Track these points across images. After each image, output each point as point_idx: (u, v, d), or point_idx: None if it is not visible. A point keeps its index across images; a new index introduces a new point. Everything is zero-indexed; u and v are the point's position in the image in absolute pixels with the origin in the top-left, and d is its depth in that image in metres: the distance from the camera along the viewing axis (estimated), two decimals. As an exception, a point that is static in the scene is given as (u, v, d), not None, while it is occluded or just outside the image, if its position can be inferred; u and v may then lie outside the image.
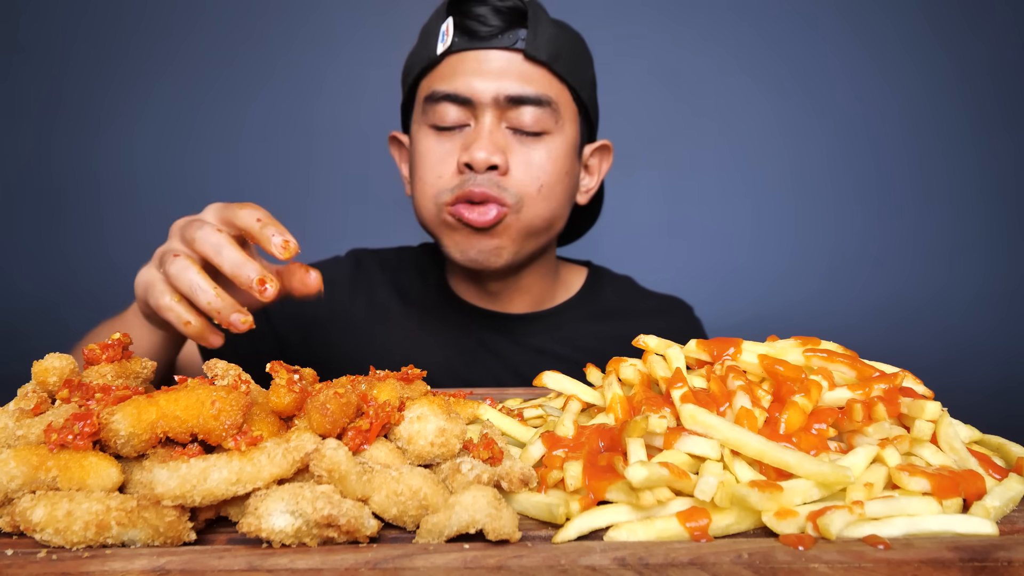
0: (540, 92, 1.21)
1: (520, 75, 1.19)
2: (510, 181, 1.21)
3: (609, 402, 0.74)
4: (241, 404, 0.64)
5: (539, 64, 1.21)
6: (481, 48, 1.20)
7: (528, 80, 1.20)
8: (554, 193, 1.25)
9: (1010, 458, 0.72)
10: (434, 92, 1.22)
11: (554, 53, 1.22)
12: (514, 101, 1.19)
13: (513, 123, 1.21)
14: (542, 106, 1.21)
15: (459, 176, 1.21)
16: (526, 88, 1.20)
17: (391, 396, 0.71)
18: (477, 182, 1.19)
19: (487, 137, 1.19)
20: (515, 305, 1.41)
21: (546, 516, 0.62)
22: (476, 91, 1.19)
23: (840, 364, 0.75)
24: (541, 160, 1.22)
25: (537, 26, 1.20)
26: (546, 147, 1.23)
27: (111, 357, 0.77)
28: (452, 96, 1.20)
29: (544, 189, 1.23)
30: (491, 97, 1.19)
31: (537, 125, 1.21)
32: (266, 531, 0.54)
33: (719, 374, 0.74)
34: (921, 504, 0.61)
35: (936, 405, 0.69)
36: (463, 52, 1.21)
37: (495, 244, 1.24)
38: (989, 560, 0.54)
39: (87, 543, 0.54)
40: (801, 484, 0.60)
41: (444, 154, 1.23)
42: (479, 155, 1.17)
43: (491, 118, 1.20)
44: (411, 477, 0.60)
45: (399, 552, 0.54)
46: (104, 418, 0.59)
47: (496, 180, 1.20)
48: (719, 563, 0.53)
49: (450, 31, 1.22)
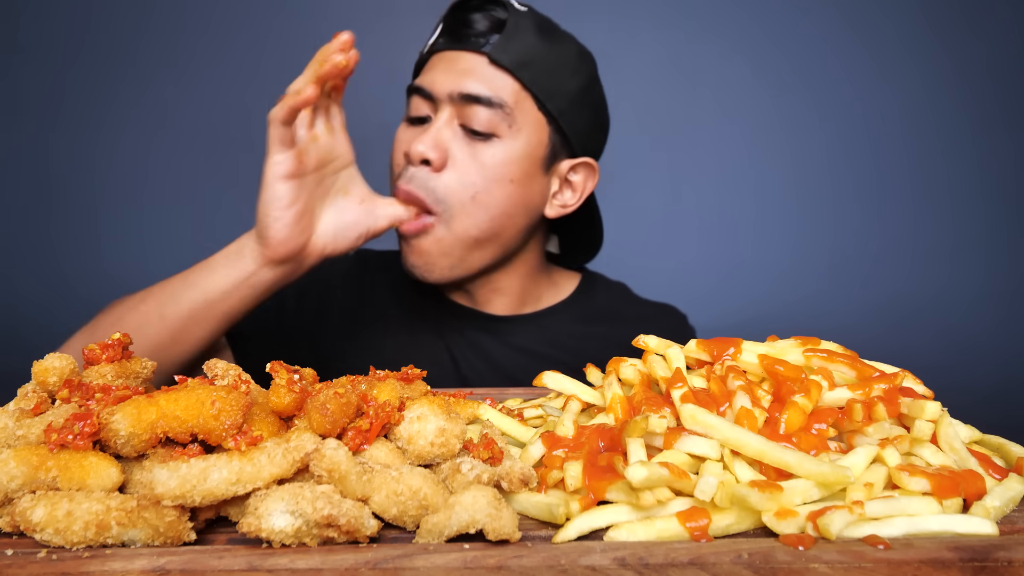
0: (493, 94, 1.21)
1: (481, 77, 1.21)
2: (441, 182, 1.20)
3: (609, 402, 0.74)
4: (241, 404, 0.64)
5: (502, 69, 1.21)
6: (456, 49, 1.24)
7: (487, 82, 1.21)
8: (493, 200, 1.23)
9: (1010, 458, 0.72)
10: (410, 85, 1.28)
11: (523, 61, 1.22)
12: (468, 99, 1.20)
13: (465, 121, 1.22)
14: (494, 108, 1.21)
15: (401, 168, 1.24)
16: (480, 88, 1.20)
17: (391, 396, 0.71)
18: (407, 176, 1.21)
19: (432, 132, 1.21)
20: (494, 306, 1.41)
21: (546, 516, 0.62)
22: (436, 86, 1.22)
23: (840, 364, 0.75)
24: (484, 162, 1.22)
25: (515, 34, 1.22)
26: (492, 150, 1.22)
27: (111, 357, 0.77)
28: (418, 89, 1.24)
29: (479, 196, 1.22)
30: (447, 93, 1.21)
31: (487, 126, 1.21)
32: (266, 531, 0.54)
33: (719, 374, 0.74)
34: (921, 504, 0.61)
35: (936, 405, 0.69)
36: (442, 52, 1.26)
37: (424, 260, 1.25)
38: (989, 560, 0.54)
39: (87, 543, 0.54)
40: (801, 484, 0.60)
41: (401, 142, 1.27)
42: (416, 148, 1.19)
43: (446, 114, 1.22)
44: (411, 477, 0.60)
45: (399, 552, 0.54)
46: (104, 418, 0.59)
47: (427, 177, 1.20)
48: (719, 563, 0.53)
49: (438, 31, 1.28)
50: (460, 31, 1.24)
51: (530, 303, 1.45)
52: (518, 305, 1.43)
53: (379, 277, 1.48)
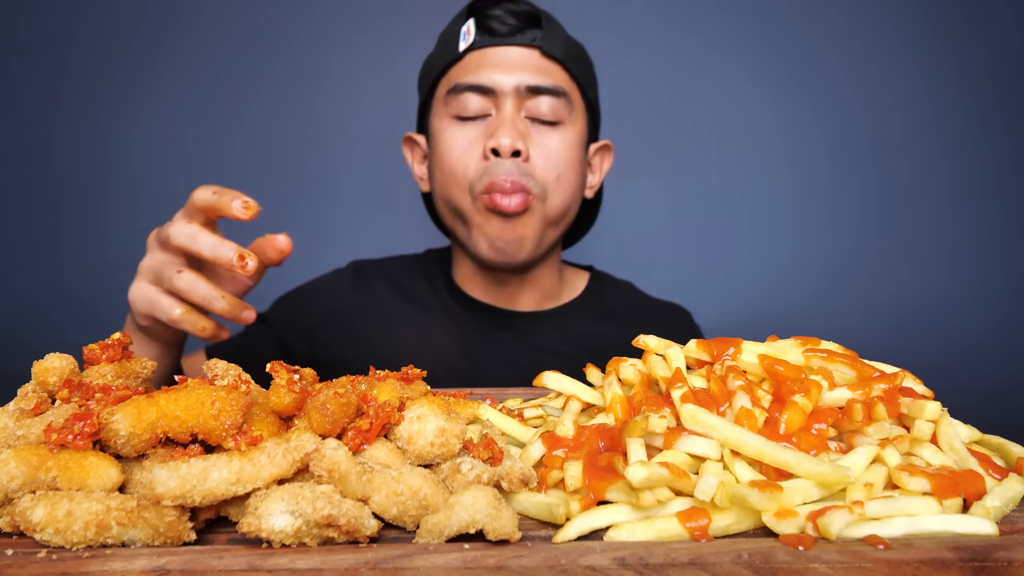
0: (555, 84, 1.28)
1: (538, 68, 1.27)
2: (532, 168, 1.27)
3: (609, 402, 0.74)
4: (241, 404, 0.64)
5: (554, 60, 1.29)
6: (501, 44, 1.28)
7: (545, 73, 1.28)
8: (569, 182, 1.32)
9: (1010, 458, 0.72)
10: (458, 84, 1.29)
11: (567, 52, 1.31)
12: (533, 91, 1.26)
13: (531, 112, 1.28)
14: (558, 96, 1.28)
15: (484, 163, 1.26)
16: (544, 79, 1.27)
17: (391, 396, 0.71)
18: (505, 169, 1.24)
19: (510, 124, 1.25)
20: (523, 301, 1.45)
21: (546, 516, 0.62)
22: (498, 81, 1.26)
23: (840, 364, 0.75)
24: (558, 148, 1.29)
25: (551, 27, 1.30)
26: (561, 136, 1.30)
27: (111, 357, 0.77)
28: (475, 86, 1.27)
29: (561, 178, 1.30)
30: (512, 87, 1.26)
31: (553, 114, 1.28)
32: (266, 531, 0.54)
33: (719, 374, 0.74)
34: (921, 504, 0.61)
35: (936, 405, 0.69)
36: (484, 48, 1.29)
37: (519, 234, 1.28)
38: (989, 560, 0.54)
39: (87, 543, 0.54)
40: (801, 484, 0.60)
41: (469, 143, 1.28)
42: (504, 141, 1.23)
43: (511, 107, 1.27)
44: (411, 477, 0.60)
45: (399, 552, 0.54)
46: (104, 418, 0.59)
47: (521, 167, 1.25)
48: (719, 563, 0.53)
49: (471, 30, 1.29)
50: (496, 27, 1.29)
51: (552, 299, 1.49)
52: (543, 300, 1.47)
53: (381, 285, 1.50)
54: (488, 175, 1.25)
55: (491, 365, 1.39)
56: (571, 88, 1.31)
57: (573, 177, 1.32)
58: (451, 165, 1.29)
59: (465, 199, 1.29)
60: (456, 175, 1.29)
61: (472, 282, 1.45)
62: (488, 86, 1.26)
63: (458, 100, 1.28)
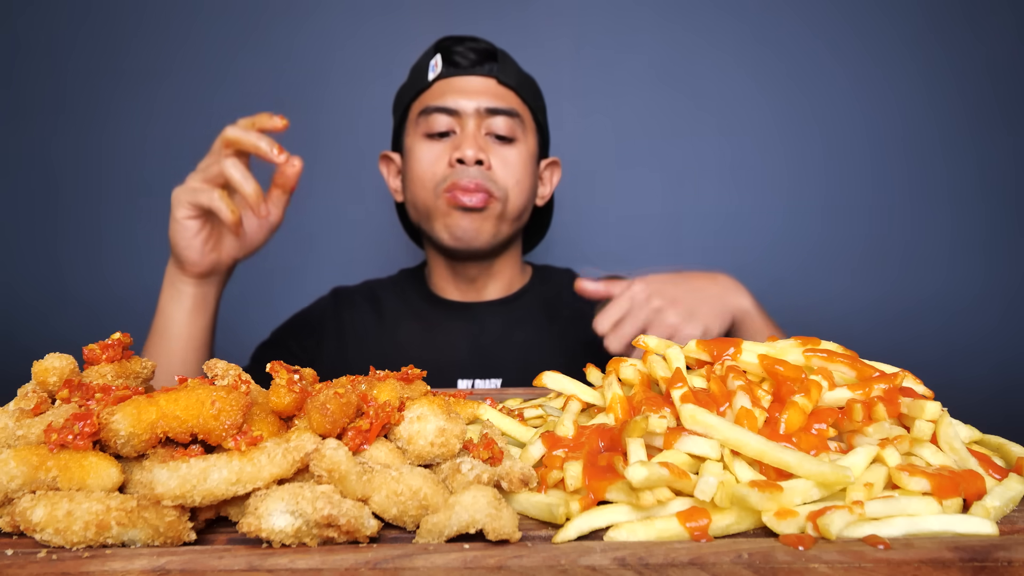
0: (510, 106, 1.52)
1: (495, 94, 1.52)
2: (494, 175, 1.49)
3: (609, 402, 0.74)
4: (241, 404, 0.64)
5: (508, 88, 1.54)
6: (464, 74, 1.52)
7: (501, 98, 1.52)
8: (525, 188, 1.55)
9: (1010, 458, 0.72)
10: (427, 107, 1.52)
11: (519, 81, 1.56)
12: (491, 111, 1.50)
13: (490, 129, 1.51)
14: (512, 117, 1.52)
15: (450, 169, 1.48)
16: (500, 103, 1.51)
17: (391, 396, 0.71)
18: (469, 174, 1.46)
19: (472, 138, 1.48)
20: (489, 291, 1.66)
21: (546, 516, 0.62)
22: (461, 104, 1.50)
23: (840, 364, 0.75)
24: (515, 160, 1.53)
25: (506, 61, 1.56)
26: (516, 150, 1.53)
27: (111, 357, 0.77)
28: (442, 108, 1.50)
29: (519, 183, 1.53)
30: (473, 108, 1.50)
31: (509, 131, 1.52)
32: (266, 531, 0.54)
33: (719, 374, 0.74)
34: (921, 504, 0.60)
35: (936, 405, 0.69)
36: (450, 78, 1.53)
37: (477, 225, 1.49)
38: (989, 560, 0.54)
39: (87, 543, 0.54)
40: (801, 484, 0.60)
41: (436, 156, 1.51)
42: (468, 152, 1.46)
43: (473, 125, 1.50)
44: (411, 477, 0.60)
45: (399, 552, 0.54)
46: (104, 418, 0.59)
47: (484, 173, 1.48)
48: (719, 563, 0.53)
49: (439, 63, 1.54)
50: (459, 61, 1.53)
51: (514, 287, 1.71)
52: (506, 289, 1.69)
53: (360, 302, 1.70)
54: (453, 177, 1.47)
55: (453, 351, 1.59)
56: (523, 111, 1.55)
57: (528, 184, 1.56)
58: (421, 172, 1.52)
59: (430, 198, 1.51)
60: (424, 180, 1.52)
61: (446, 281, 1.66)
62: (453, 108, 1.49)
63: (427, 120, 1.51)
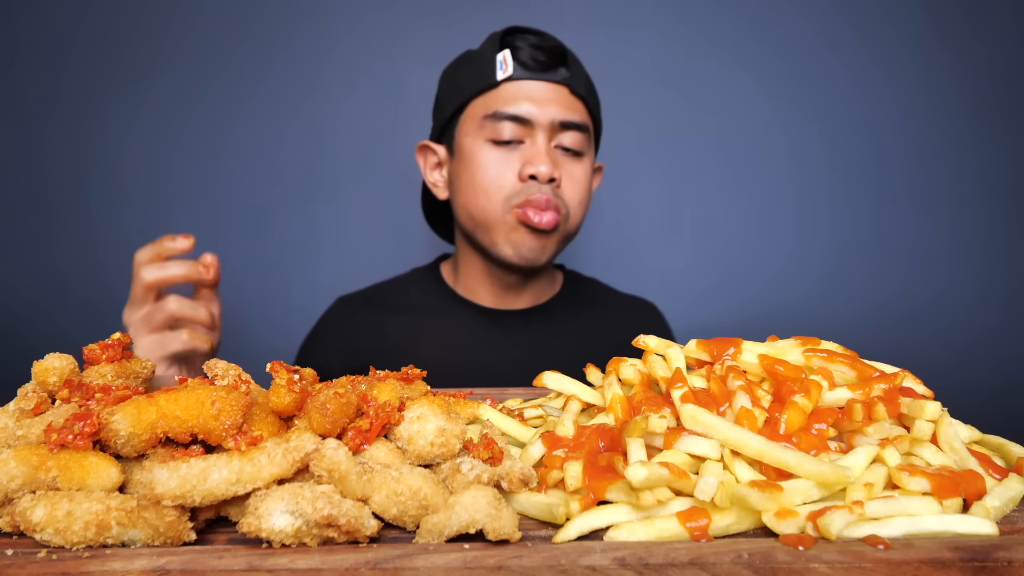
0: (581, 119, 1.45)
1: (567, 105, 1.44)
2: (562, 193, 1.45)
3: (609, 402, 0.74)
4: (241, 404, 0.64)
5: (579, 98, 1.46)
6: (535, 79, 1.43)
7: (573, 110, 1.44)
8: (586, 204, 1.52)
9: (1010, 458, 0.72)
10: (497, 112, 1.42)
11: (588, 90, 1.49)
12: (563, 125, 1.43)
13: (560, 143, 1.44)
14: (581, 131, 1.45)
15: (521, 184, 1.42)
16: (572, 115, 1.44)
17: (391, 396, 0.71)
18: (540, 191, 1.41)
19: (546, 154, 1.42)
20: (522, 300, 1.60)
21: (546, 516, 0.62)
22: (534, 114, 1.41)
23: (840, 364, 0.75)
24: (581, 176, 1.48)
25: (576, 67, 1.47)
26: (582, 166, 1.48)
27: (111, 357, 0.77)
28: (514, 116, 1.41)
29: (582, 201, 1.49)
30: (547, 120, 1.42)
31: (578, 146, 1.46)
32: (266, 531, 0.54)
33: (719, 374, 0.74)
34: (921, 504, 0.61)
35: (936, 405, 0.69)
36: (520, 81, 1.43)
37: (542, 244, 1.45)
38: (989, 560, 0.54)
39: (87, 543, 0.54)
40: (801, 484, 0.60)
41: (505, 165, 1.43)
42: (542, 168, 1.39)
43: (544, 138, 1.43)
44: (411, 477, 0.60)
45: (399, 552, 0.54)
46: (104, 418, 0.59)
47: (554, 191, 1.43)
48: (719, 563, 0.53)
49: (508, 61, 1.44)
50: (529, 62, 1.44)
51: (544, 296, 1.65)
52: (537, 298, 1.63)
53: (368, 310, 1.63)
54: (525, 193, 1.41)
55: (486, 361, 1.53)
56: (589, 122, 1.49)
57: (587, 201, 1.52)
58: (486, 182, 1.44)
59: (496, 210, 1.44)
60: (490, 191, 1.43)
61: (479, 284, 1.58)
62: (526, 117, 1.41)
63: (495, 126, 1.42)
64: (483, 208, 1.45)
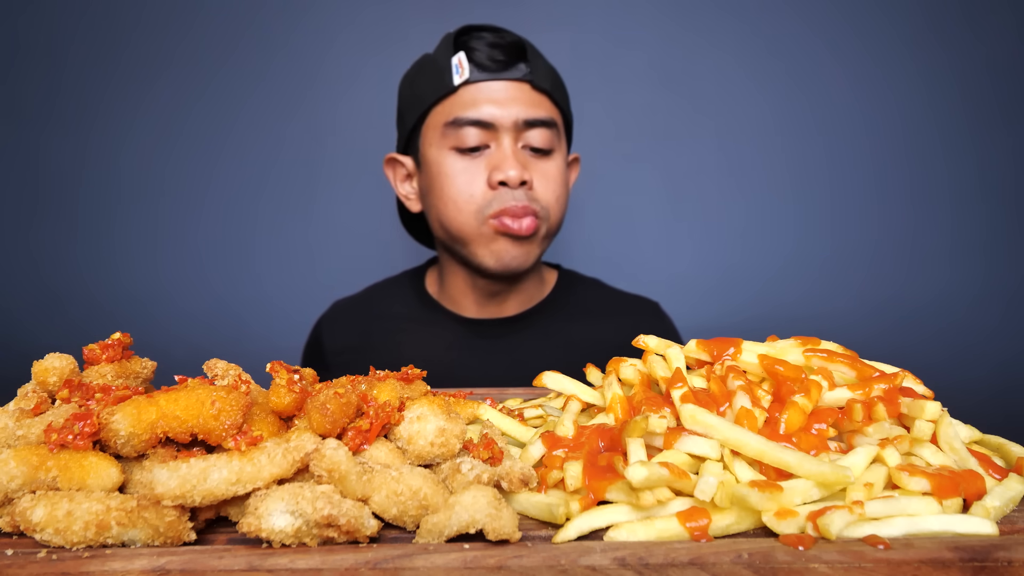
0: (547, 115, 1.38)
1: (530, 102, 1.36)
2: (536, 194, 1.38)
3: (609, 402, 0.74)
4: (241, 404, 0.64)
5: (542, 92, 1.38)
6: (493, 79, 1.35)
7: (537, 106, 1.37)
8: (564, 202, 1.45)
9: (1010, 458, 0.72)
10: (458, 118, 1.36)
11: (552, 83, 1.41)
12: (528, 124, 1.36)
13: (527, 142, 1.37)
14: (549, 127, 1.38)
15: (491, 192, 1.35)
16: (537, 112, 1.37)
17: (391, 396, 0.71)
18: (514, 197, 1.34)
19: (513, 157, 1.35)
20: (509, 307, 1.53)
21: (546, 516, 0.62)
22: (496, 116, 1.34)
23: (840, 364, 0.75)
24: (554, 173, 1.40)
25: (536, 59, 1.39)
26: (554, 162, 1.41)
27: (111, 357, 0.77)
28: (475, 121, 1.35)
29: (559, 199, 1.42)
30: (511, 121, 1.35)
31: (546, 143, 1.38)
32: (266, 531, 0.54)
33: (719, 374, 0.74)
34: (921, 504, 0.61)
35: (936, 405, 0.69)
36: (478, 83, 1.36)
37: (526, 250, 1.39)
38: (989, 560, 0.54)
39: (87, 543, 0.54)
40: (801, 484, 0.60)
41: (472, 174, 1.37)
42: (511, 173, 1.33)
43: (509, 140, 1.36)
44: (411, 477, 0.60)
45: (399, 552, 0.54)
46: (104, 418, 0.59)
47: (527, 194, 1.36)
48: (719, 563, 0.53)
49: (464, 64, 1.36)
50: (485, 62, 1.36)
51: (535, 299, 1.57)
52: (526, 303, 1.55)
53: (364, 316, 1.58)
54: (498, 202, 1.34)
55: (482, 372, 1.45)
56: (557, 116, 1.42)
57: (565, 195, 1.45)
58: (455, 194, 1.37)
59: (470, 223, 1.37)
60: (460, 203, 1.37)
61: (464, 295, 1.52)
62: (488, 121, 1.34)
63: (457, 133, 1.36)
64: (457, 221, 1.38)
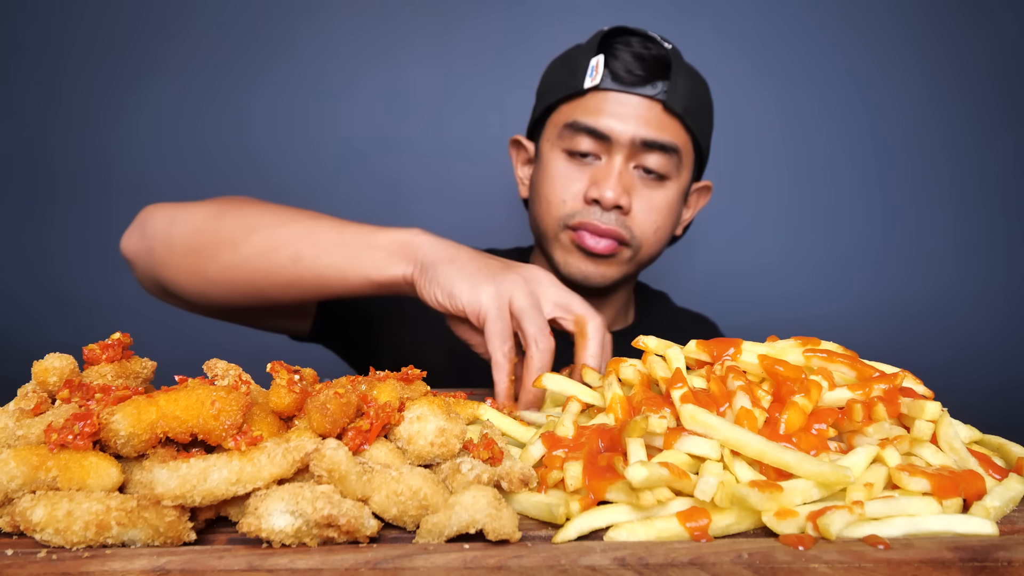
0: (670, 140, 1.29)
1: (657, 123, 1.28)
2: (631, 221, 1.31)
3: (609, 402, 0.74)
4: (241, 404, 0.63)
5: (674, 115, 1.30)
6: (625, 91, 1.28)
7: (662, 128, 1.29)
8: (665, 234, 1.38)
9: (1010, 458, 0.72)
10: (576, 122, 1.30)
11: (688, 106, 1.31)
12: (646, 145, 1.28)
13: (640, 163, 1.30)
14: (669, 153, 1.30)
15: (584, 206, 1.31)
16: (660, 135, 1.28)
17: (391, 396, 0.71)
18: (602, 218, 1.29)
19: (617, 178, 1.28)
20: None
21: (546, 516, 0.62)
22: (615, 131, 1.28)
23: (840, 364, 0.75)
24: (660, 204, 1.33)
25: (678, 78, 1.29)
26: (665, 192, 1.33)
27: (111, 357, 0.77)
28: (593, 130, 1.29)
29: (658, 231, 1.35)
30: (628, 138, 1.28)
31: (662, 169, 1.31)
32: (266, 531, 0.54)
33: (719, 374, 0.74)
34: (921, 504, 0.60)
35: (936, 405, 0.69)
36: (608, 92, 1.29)
37: (603, 270, 1.34)
38: (989, 560, 0.54)
39: (87, 543, 0.54)
40: (801, 484, 0.60)
41: (573, 179, 1.32)
42: (608, 194, 1.26)
43: (622, 158, 1.29)
44: (411, 477, 0.60)
45: (399, 552, 0.54)
46: (104, 418, 0.59)
47: (619, 219, 1.30)
48: (719, 563, 0.53)
49: (600, 68, 1.29)
50: (623, 73, 1.29)
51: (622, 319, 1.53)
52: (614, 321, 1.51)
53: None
54: (583, 215, 1.30)
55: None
56: (684, 142, 1.33)
57: (669, 228, 1.38)
58: (549, 194, 1.34)
59: (553, 226, 1.34)
60: (551, 204, 1.33)
61: None
62: (604, 132, 1.28)
63: (573, 137, 1.31)
64: (544, 221, 1.36)
